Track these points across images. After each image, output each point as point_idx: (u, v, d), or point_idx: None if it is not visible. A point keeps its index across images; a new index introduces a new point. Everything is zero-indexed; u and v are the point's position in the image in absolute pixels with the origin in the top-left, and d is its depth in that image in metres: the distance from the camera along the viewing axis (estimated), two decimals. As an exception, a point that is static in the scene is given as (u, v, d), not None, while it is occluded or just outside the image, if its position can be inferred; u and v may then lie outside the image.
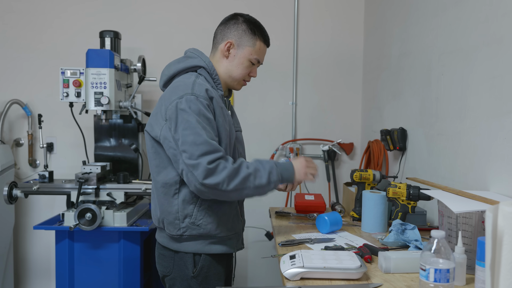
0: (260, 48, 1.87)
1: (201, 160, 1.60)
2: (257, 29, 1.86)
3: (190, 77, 1.78)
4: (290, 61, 3.51)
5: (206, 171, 1.59)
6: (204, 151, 1.61)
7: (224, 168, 1.62)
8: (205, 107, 1.68)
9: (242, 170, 1.66)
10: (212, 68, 1.83)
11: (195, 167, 1.60)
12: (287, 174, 1.76)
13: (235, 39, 1.83)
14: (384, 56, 2.99)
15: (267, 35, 1.90)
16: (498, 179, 1.67)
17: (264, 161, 1.74)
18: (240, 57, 1.84)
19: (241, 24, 1.84)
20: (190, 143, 1.62)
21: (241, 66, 1.85)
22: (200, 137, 1.62)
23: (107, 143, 3.10)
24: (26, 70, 3.43)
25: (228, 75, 1.87)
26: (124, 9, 3.43)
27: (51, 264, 3.39)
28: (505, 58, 1.62)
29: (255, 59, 1.86)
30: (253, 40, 1.84)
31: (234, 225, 1.85)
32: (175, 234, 1.76)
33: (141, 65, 2.99)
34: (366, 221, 2.08)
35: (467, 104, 1.90)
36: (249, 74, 1.91)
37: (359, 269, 1.44)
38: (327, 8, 3.50)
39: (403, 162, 2.63)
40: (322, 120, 3.54)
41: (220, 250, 1.80)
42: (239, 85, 1.92)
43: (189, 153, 1.61)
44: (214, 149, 1.62)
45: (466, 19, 1.92)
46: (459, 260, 1.36)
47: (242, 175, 1.65)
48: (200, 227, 1.75)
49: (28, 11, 3.41)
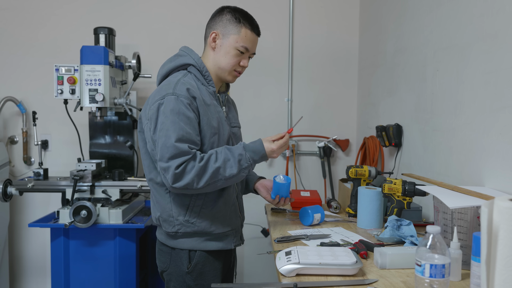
0: (246, 36, 1.82)
1: (170, 163, 1.63)
2: (243, 17, 1.82)
3: (177, 76, 1.79)
4: (286, 57, 3.50)
5: (173, 176, 1.62)
6: (172, 154, 1.62)
7: (191, 168, 1.63)
8: (185, 106, 1.68)
9: (210, 165, 1.66)
10: (201, 65, 1.83)
11: (166, 170, 1.64)
12: (258, 156, 1.75)
13: (220, 29, 1.82)
14: (379, 53, 2.99)
15: (255, 23, 1.86)
16: (493, 174, 1.67)
17: (233, 148, 1.73)
18: (226, 46, 1.81)
19: (225, 14, 1.83)
20: (161, 145, 1.65)
21: (228, 55, 1.82)
22: (169, 140, 1.63)
23: (102, 140, 3.09)
24: (21, 67, 3.41)
25: (217, 67, 1.84)
26: (119, 6, 3.41)
27: (47, 261, 3.38)
28: (499, 54, 1.62)
29: (242, 47, 1.81)
30: (238, 27, 1.80)
31: (231, 222, 1.86)
32: (170, 231, 1.78)
33: (136, 62, 2.98)
34: (361, 217, 2.08)
35: (462, 100, 1.90)
36: (240, 64, 1.85)
37: (354, 265, 1.44)
38: (322, 4, 3.49)
39: (398, 158, 2.64)
40: (317, 117, 3.54)
41: (216, 246, 1.81)
42: (230, 76, 1.87)
43: (160, 155, 1.65)
44: (180, 153, 1.63)
45: (461, 15, 1.92)
46: (455, 255, 1.36)
47: (210, 171, 1.65)
48: (194, 225, 1.76)
49: (22, 8, 3.39)
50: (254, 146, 1.76)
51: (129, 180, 2.78)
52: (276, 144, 1.78)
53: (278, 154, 1.80)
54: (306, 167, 3.55)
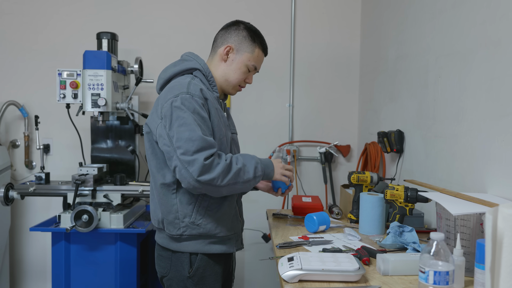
0: (258, 56, 1.91)
1: (197, 156, 1.61)
2: (257, 37, 1.90)
3: (185, 78, 1.81)
4: (287, 63, 3.51)
5: (201, 167, 1.60)
6: (200, 147, 1.62)
7: (218, 164, 1.64)
8: (200, 105, 1.70)
9: (233, 165, 1.69)
10: (207, 70, 1.86)
11: (191, 163, 1.61)
12: (268, 170, 1.82)
13: (235, 44, 1.87)
14: (381, 58, 3.00)
15: (266, 44, 1.94)
16: (496, 181, 1.67)
17: (248, 156, 1.78)
18: (238, 62, 1.88)
19: (242, 31, 1.88)
20: (185, 139, 1.63)
21: (239, 71, 1.88)
22: (195, 133, 1.63)
23: (104, 144, 3.09)
24: (23, 71, 3.41)
25: (224, 79, 1.89)
26: (122, 10, 3.42)
27: (47, 266, 3.37)
28: (503, 61, 1.63)
29: (252, 66, 1.90)
30: (253, 46, 1.88)
31: (234, 225, 1.87)
32: (175, 234, 1.77)
33: (138, 67, 2.98)
34: (363, 223, 2.07)
35: (464, 107, 1.90)
36: (245, 81, 1.94)
37: (357, 272, 1.44)
38: (324, 11, 3.50)
39: (400, 164, 2.64)
40: (319, 122, 3.54)
41: (219, 250, 1.82)
42: (234, 90, 1.94)
43: (184, 149, 1.62)
44: (209, 145, 1.64)
45: (463, 21, 1.93)
46: (458, 262, 1.36)
47: (234, 170, 1.67)
48: (200, 227, 1.76)
49: (25, 13, 3.40)
50: (265, 160, 1.83)
51: (130, 185, 2.78)
52: (284, 166, 1.89)
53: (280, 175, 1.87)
54: (307, 172, 3.55)
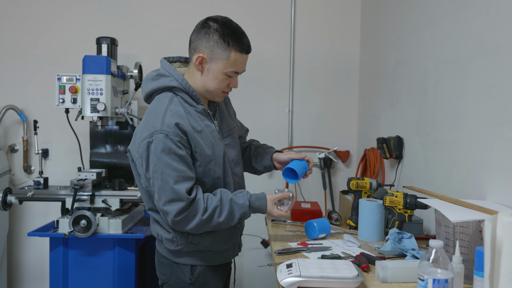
0: (236, 60, 1.69)
1: (169, 208, 1.61)
2: (232, 38, 1.67)
3: (163, 101, 1.70)
4: (287, 68, 3.51)
5: (173, 222, 1.63)
6: (170, 199, 1.60)
7: (193, 218, 1.63)
8: (175, 144, 1.61)
9: (214, 220, 1.66)
10: (187, 85, 1.72)
11: (166, 213, 1.63)
12: (258, 212, 1.79)
13: (206, 52, 1.68)
14: (381, 65, 3.00)
15: (244, 42, 1.71)
16: (495, 188, 1.67)
17: (239, 202, 1.71)
18: (214, 71, 1.70)
19: (212, 34, 1.67)
20: (158, 187, 1.62)
21: (216, 80, 1.71)
22: (166, 184, 1.60)
23: (103, 149, 3.08)
24: (22, 76, 3.41)
25: (204, 89, 1.75)
26: (121, 15, 3.43)
27: (45, 271, 3.36)
28: (502, 67, 1.63)
29: (231, 72, 1.71)
30: (227, 52, 1.67)
31: (232, 237, 1.86)
32: (173, 249, 1.77)
33: (137, 72, 2.98)
34: (362, 230, 2.07)
35: (463, 113, 1.90)
36: (229, 85, 1.77)
37: (356, 278, 1.43)
38: (324, 16, 3.51)
39: (399, 170, 2.63)
40: (318, 128, 3.55)
41: (217, 261, 1.82)
42: (218, 97, 1.80)
43: (157, 196, 1.63)
44: (179, 197, 1.59)
45: (462, 28, 1.93)
46: (457, 269, 1.35)
47: (212, 225, 1.67)
48: (197, 245, 1.76)
49: (24, 17, 3.40)
50: (259, 206, 1.76)
51: (129, 190, 2.77)
52: (277, 213, 1.82)
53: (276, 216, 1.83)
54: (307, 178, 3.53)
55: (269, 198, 1.79)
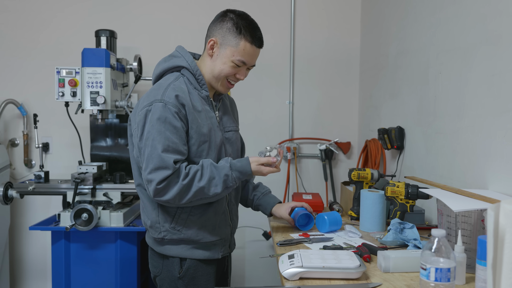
0: (245, 49, 1.72)
1: (153, 176, 1.60)
2: (245, 28, 1.72)
3: (170, 78, 1.75)
4: (287, 60, 3.50)
5: (155, 190, 1.61)
6: (156, 166, 1.59)
7: (174, 185, 1.61)
8: (172, 114, 1.63)
9: (194, 184, 1.63)
10: (195, 68, 1.76)
11: (148, 182, 1.62)
12: (244, 176, 1.72)
13: (218, 37, 1.73)
14: (381, 55, 2.99)
15: (257, 35, 1.75)
16: (497, 177, 1.66)
17: (219, 166, 1.68)
18: (223, 56, 1.74)
19: (227, 22, 1.72)
20: (147, 155, 1.62)
21: (223, 66, 1.74)
22: (155, 151, 1.60)
23: (103, 143, 3.08)
24: (21, 70, 3.40)
25: (211, 75, 1.77)
26: (120, 8, 3.41)
27: (47, 265, 3.37)
28: (504, 57, 1.62)
29: (238, 61, 1.73)
30: (237, 39, 1.71)
31: (220, 231, 1.82)
32: (156, 237, 1.77)
33: (137, 64, 2.97)
34: (364, 220, 2.07)
35: (465, 103, 1.89)
36: (236, 76, 1.79)
37: (358, 269, 1.43)
38: (323, 7, 3.49)
39: (400, 161, 2.63)
40: (319, 119, 3.54)
41: (202, 255, 1.79)
42: (222, 87, 1.81)
43: (145, 164, 1.63)
44: (164, 165, 1.59)
45: (464, 17, 1.91)
46: (459, 259, 1.35)
47: (193, 190, 1.63)
48: (180, 232, 1.74)
49: (23, 11, 3.38)
50: (241, 166, 1.70)
51: (130, 183, 2.77)
52: (266, 170, 1.75)
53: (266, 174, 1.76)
54: (308, 169, 3.55)
55: (252, 159, 1.73)
